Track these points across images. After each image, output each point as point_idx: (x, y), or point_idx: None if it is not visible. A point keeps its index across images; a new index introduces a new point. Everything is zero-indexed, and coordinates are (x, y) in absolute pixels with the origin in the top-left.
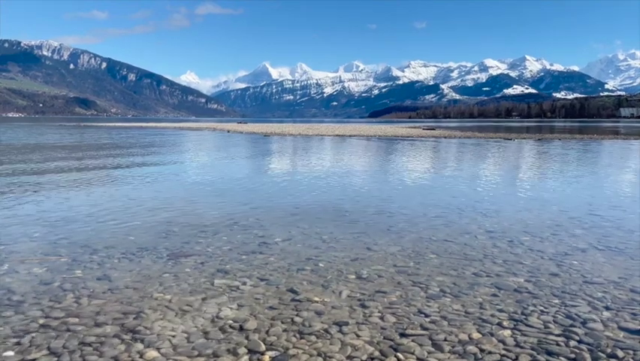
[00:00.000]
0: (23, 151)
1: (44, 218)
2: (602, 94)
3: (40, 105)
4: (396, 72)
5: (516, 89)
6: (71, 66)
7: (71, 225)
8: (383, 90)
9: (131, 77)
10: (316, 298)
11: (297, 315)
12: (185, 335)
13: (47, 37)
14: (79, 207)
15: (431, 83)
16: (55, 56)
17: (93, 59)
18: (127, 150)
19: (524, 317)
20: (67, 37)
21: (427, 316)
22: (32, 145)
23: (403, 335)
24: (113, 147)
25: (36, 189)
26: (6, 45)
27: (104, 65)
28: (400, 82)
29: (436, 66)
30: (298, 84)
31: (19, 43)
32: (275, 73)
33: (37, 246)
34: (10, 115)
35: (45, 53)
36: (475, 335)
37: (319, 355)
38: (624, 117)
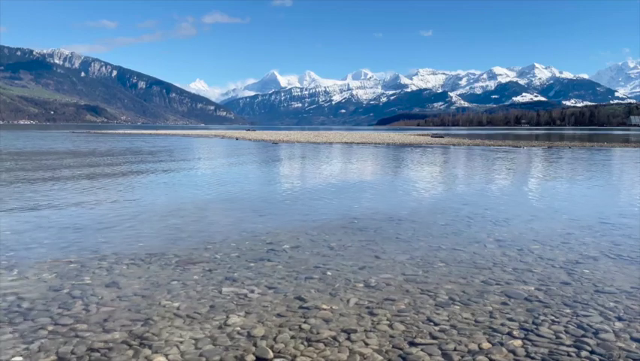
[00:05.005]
0: (35, 157)
1: (54, 224)
2: (612, 102)
3: (52, 113)
4: (404, 80)
5: (525, 97)
6: (82, 74)
7: (81, 231)
8: (391, 98)
9: (141, 84)
10: (324, 306)
11: (304, 322)
12: (193, 341)
13: (57, 45)
14: (89, 213)
15: (439, 90)
16: (67, 64)
17: (104, 67)
18: (137, 157)
19: (535, 326)
20: (77, 46)
21: (436, 324)
22: (43, 151)
23: (412, 343)
24: (123, 154)
25: (47, 195)
26: (18, 53)
27: (115, 73)
28: (409, 90)
29: (444, 74)
30: (307, 92)
31: (32, 51)
32: (283, 81)
33: (47, 252)
34: (21, 122)
35: (57, 61)
36: (485, 345)
37: None
38: (635, 125)
